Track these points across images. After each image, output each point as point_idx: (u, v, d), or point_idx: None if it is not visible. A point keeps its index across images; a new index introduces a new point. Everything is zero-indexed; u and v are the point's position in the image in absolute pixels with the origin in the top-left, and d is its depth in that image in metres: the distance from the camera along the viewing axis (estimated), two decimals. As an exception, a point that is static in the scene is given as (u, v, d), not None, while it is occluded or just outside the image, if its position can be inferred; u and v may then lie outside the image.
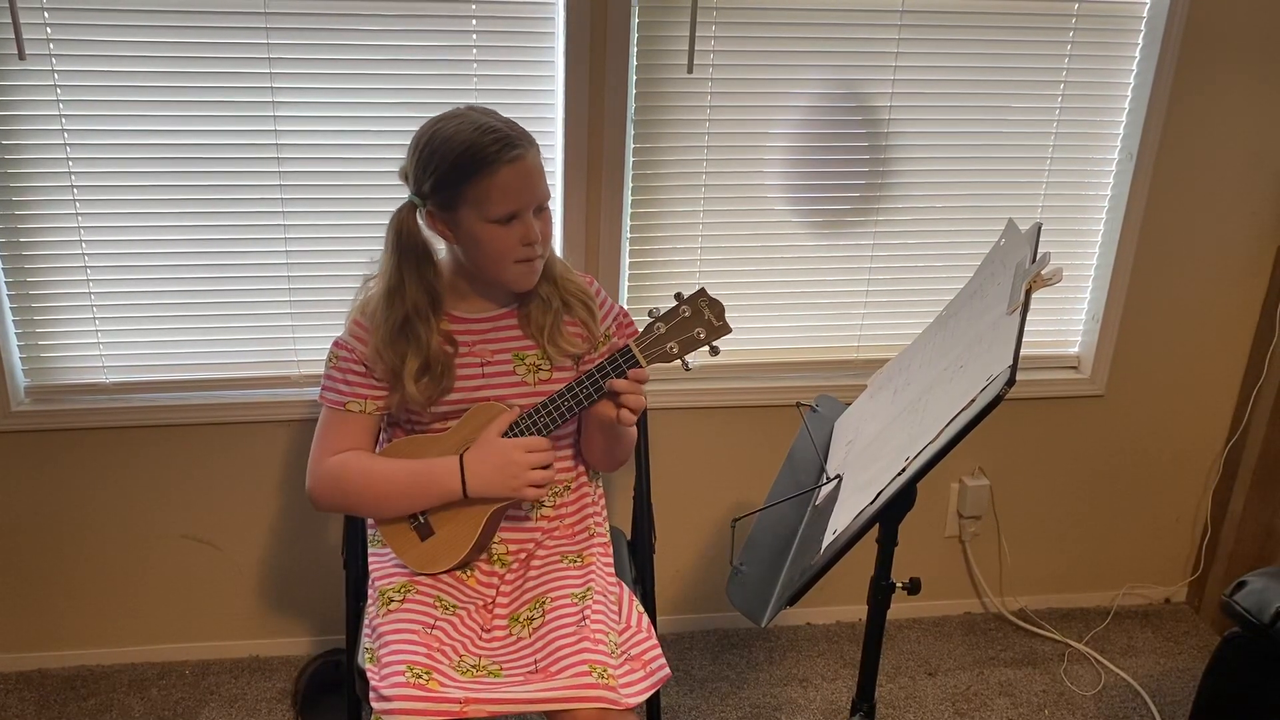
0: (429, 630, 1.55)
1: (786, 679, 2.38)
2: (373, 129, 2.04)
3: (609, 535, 1.79)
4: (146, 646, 2.35)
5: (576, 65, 2.03)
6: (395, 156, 1.64)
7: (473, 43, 2.03)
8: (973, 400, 1.26)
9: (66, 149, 1.99)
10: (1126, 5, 2.20)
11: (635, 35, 2.05)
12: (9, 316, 2.09)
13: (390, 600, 1.60)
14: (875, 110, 2.20)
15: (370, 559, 1.72)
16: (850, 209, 2.28)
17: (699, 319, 1.52)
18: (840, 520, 1.38)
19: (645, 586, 1.88)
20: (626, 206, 2.18)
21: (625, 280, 2.24)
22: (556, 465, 1.67)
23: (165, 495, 2.24)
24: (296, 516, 2.30)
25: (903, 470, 1.31)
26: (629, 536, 1.98)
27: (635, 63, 2.07)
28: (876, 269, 2.32)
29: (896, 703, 2.33)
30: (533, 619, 1.59)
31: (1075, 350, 2.49)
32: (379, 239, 1.63)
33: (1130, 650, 2.53)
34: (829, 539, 1.36)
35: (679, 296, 1.53)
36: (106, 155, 2.00)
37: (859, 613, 2.51)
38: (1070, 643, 2.53)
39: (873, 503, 1.32)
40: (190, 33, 1.94)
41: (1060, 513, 2.59)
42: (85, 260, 2.07)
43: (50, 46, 1.92)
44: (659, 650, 1.59)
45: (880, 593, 1.49)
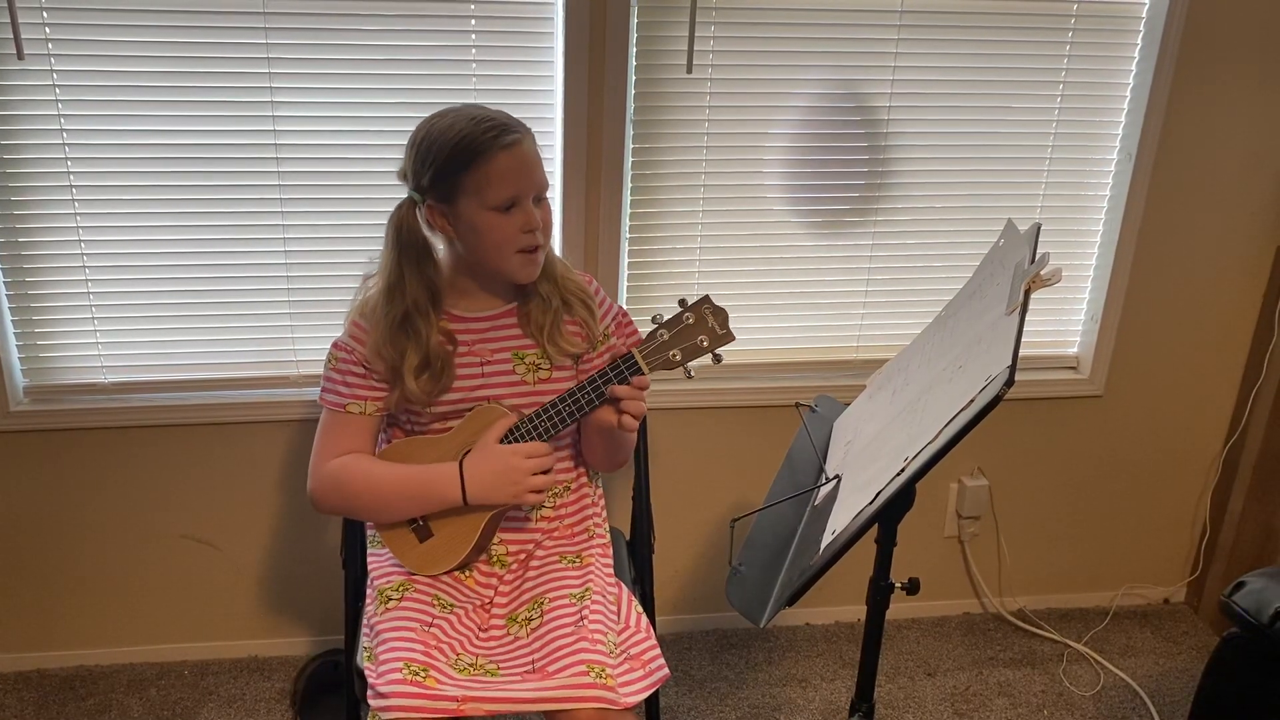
0: (426, 628, 1.55)
1: (785, 679, 2.38)
2: (372, 129, 2.04)
3: (608, 536, 1.79)
4: (145, 647, 2.35)
5: (576, 65, 2.03)
6: (394, 156, 1.64)
7: (472, 43, 2.03)
8: (972, 400, 1.26)
9: (65, 149, 1.99)
10: (1125, 6, 2.20)
11: (634, 35, 2.05)
12: (8, 316, 2.09)
13: (388, 599, 1.60)
14: (874, 110, 2.20)
15: (369, 559, 1.72)
16: (849, 209, 2.28)
17: (703, 326, 1.51)
18: (839, 520, 1.37)
19: (644, 587, 1.88)
20: (626, 206, 2.18)
21: (624, 280, 2.24)
22: (556, 466, 1.67)
23: (164, 495, 2.24)
24: (295, 517, 2.29)
25: (901, 470, 1.31)
26: (628, 537, 1.98)
27: (634, 63, 2.07)
28: (875, 269, 2.32)
29: (895, 703, 2.33)
30: (531, 619, 1.59)
31: (1074, 350, 2.49)
32: (378, 238, 1.63)
33: (1129, 650, 2.53)
34: (828, 539, 1.36)
35: (683, 303, 1.53)
36: (105, 155, 2.00)
37: (858, 613, 2.51)
38: (1069, 643, 2.53)
39: (871, 503, 1.32)
40: (189, 33, 1.94)
41: (1059, 513, 2.59)
42: (84, 260, 2.07)
43: (49, 46, 1.92)
44: (658, 650, 1.59)
45: (879, 593, 1.49)
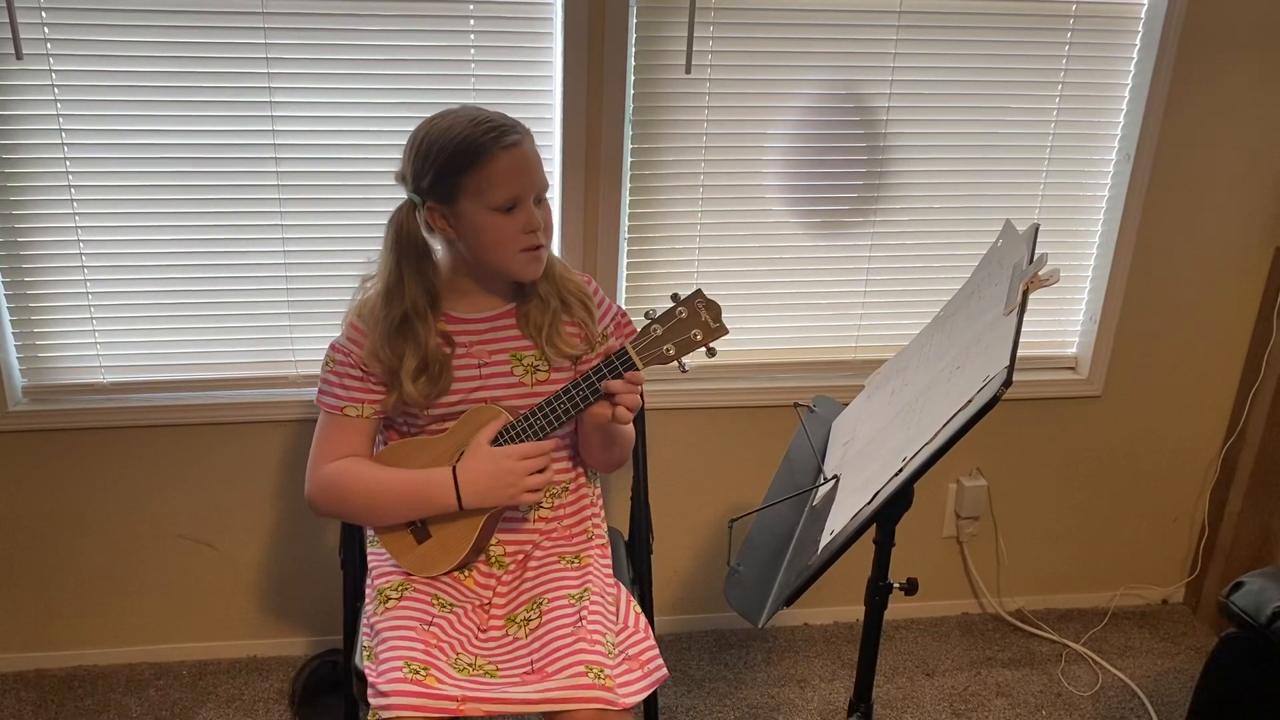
0: (426, 627, 1.55)
1: (784, 679, 2.38)
2: (371, 129, 2.04)
3: (607, 536, 1.79)
4: (144, 647, 2.35)
5: (574, 65, 2.03)
6: (393, 157, 1.64)
7: (471, 43, 2.03)
8: (970, 401, 1.26)
9: (64, 149, 1.98)
10: (1124, 6, 2.20)
11: (633, 35, 2.05)
12: (6, 316, 2.09)
13: (388, 599, 1.60)
14: (873, 111, 2.20)
15: (369, 558, 1.72)
16: (848, 209, 2.28)
17: (695, 320, 1.51)
18: (837, 521, 1.37)
19: (643, 587, 1.88)
20: (624, 206, 2.18)
21: (623, 280, 2.24)
22: (555, 466, 1.67)
23: (163, 495, 2.24)
24: (294, 517, 2.29)
25: (900, 471, 1.31)
26: (627, 537, 1.98)
27: (633, 63, 2.07)
28: (874, 269, 2.32)
29: (894, 703, 2.33)
30: (529, 620, 1.59)
31: (1073, 351, 2.49)
32: (377, 239, 1.63)
33: (1127, 651, 2.53)
34: (826, 539, 1.36)
35: (675, 298, 1.52)
36: (104, 155, 2.00)
37: (856, 613, 2.50)
38: (1068, 643, 2.53)
39: (870, 503, 1.32)
40: (188, 33, 1.94)
41: (1058, 513, 2.59)
42: (83, 260, 2.06)
43: (48, 46, 1.92)
44: (656, 650, 1.59)
45: (877, 593, 1.49)
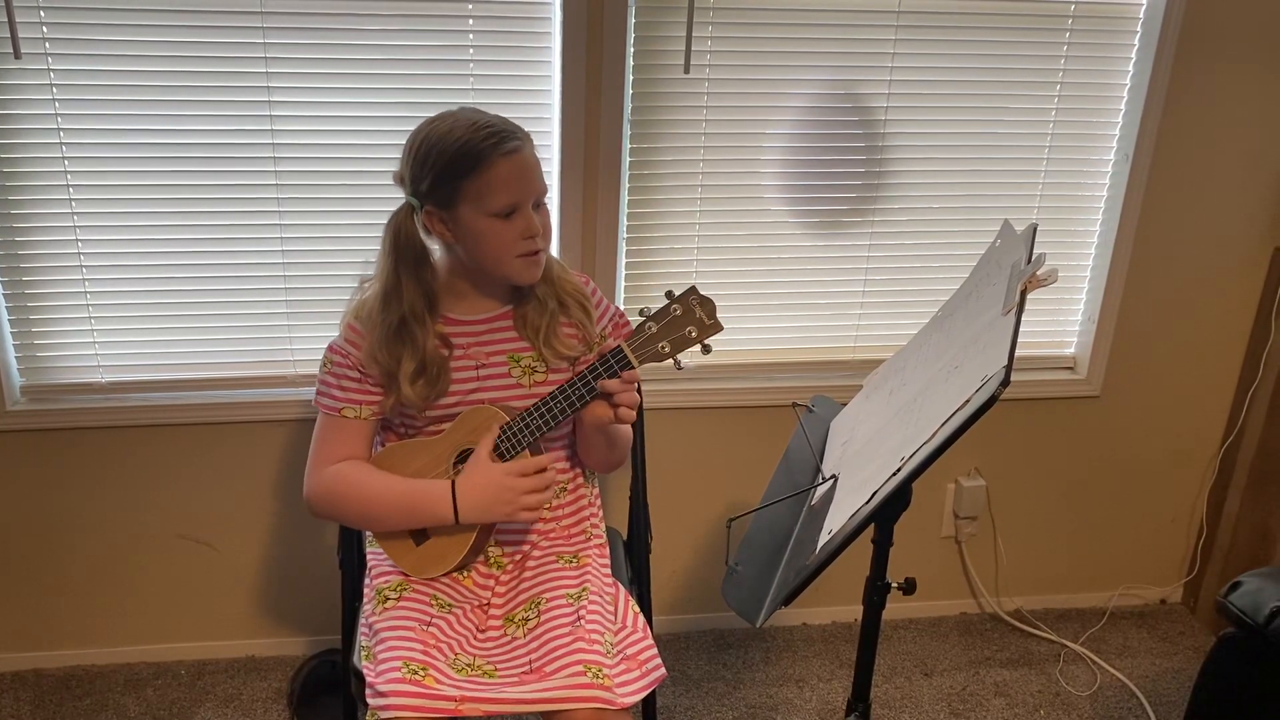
0: (425, 627, 1.55)
1: (782, 679, 2.38)
2: (369, 129, 2.04)
3: (605, 536, 1.79)
4: (142, 646, 2.35)
5: (573, 65, 2.03)
6: (391, 156, 1.64)
7: (469, 43, 2.03)
8: (968, 401, 1.26)
9: (62, 148, 1.98)
10: (1122, 6, 2.20)
11: (632, 35, 2.05)
12: (4, 316, 2.09)
13: (387, 599, 1.60)
14: (872, 111, 2.20)
15: (368, 557, 1.72)
16: (847, 209, 2.28)
17: (690, 317, 1.51)
18: (835, 520, 1.37)
19: (641, 587, 1.88)
20: (623, 206, 2.18)
21: (621, 280, 2.24)
22: (554, 466, 1.67)
23: (161, 495, 2.24)
24: (292, 517, 2.29)
25: (898, 470, 1.31)
26: (625, 537, 1.98)
27: (632, 63, 2.07)
28: (873, 269, 2.32)
29: (892, 703, 2.33)
30: (528, 620, 1.59)
31: (1071, 351, 2.49)
32: (375, 239, 1.63)
33: (1126, 651, 2.53)
34: (824, 539, 1.36)
35: (669, 295, 1.52)
36: (102, 155, 2.00)
37: (855, 613, 2.50)
38: (1066, 643, 2.54)
39: (868, 503, 1.32)
40: (187, 32, 1.94)
41: (1056, 513, 2.59)
42: (81, 259, 2.06)
43: (46, 46, 1.92)
44: (655, 650, 1.59)
45: (876, 593, 1.49)
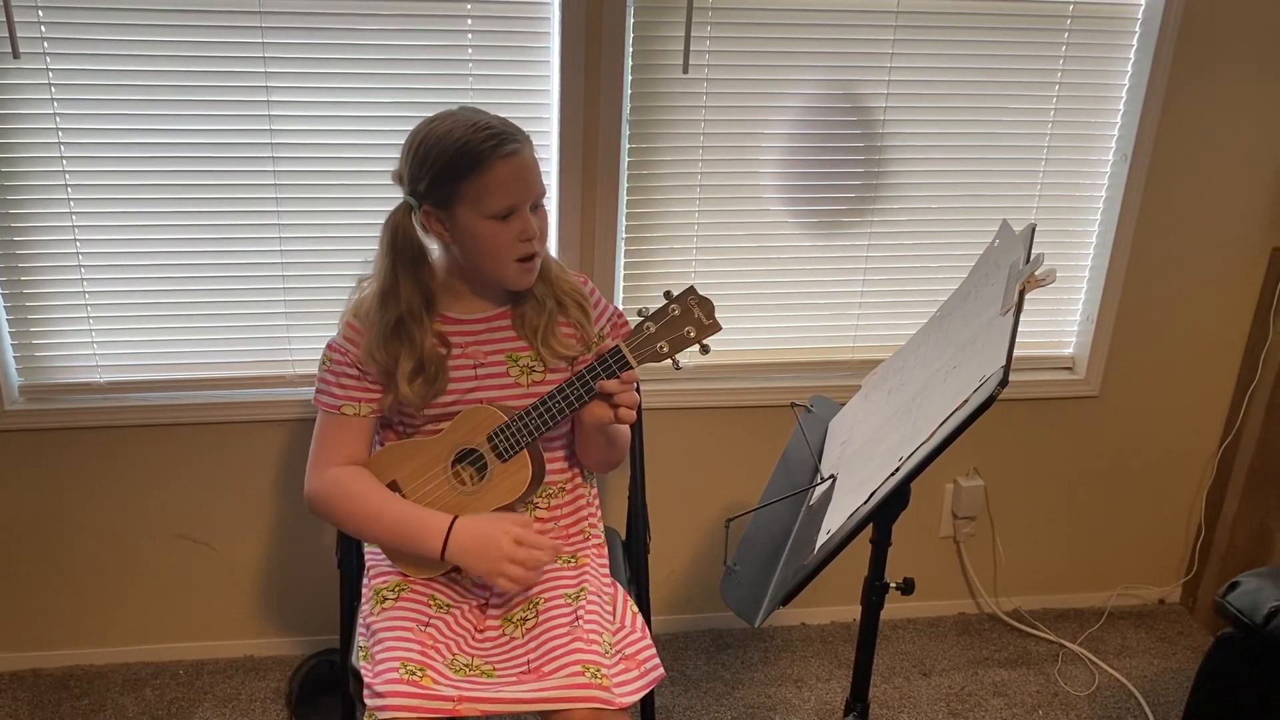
0: (423, 627, 1.55)
1: (781, 679, 2.39)
2: (368, 129, 2.04)
3: (603, 536, 1.79)
4: (140, 646, 2.35)
5: (572, 65, 2.03)
6: (390, 156, 1.64)
7: (468, 42, 2.03)
8: (966, 401, 1.26)
9: (61, 148, 1.98)
10: (1121, 6, 2.20)
11: (630, 35, 2.05)
12: (3, 315, 2.08)
13: (385, 599, 1.60)
14: (870, 111, 2.20)
15: (366, 557, 1.73)
16: (845, 209, 2.28)
17: (688, 317, 1.51)
18: (834, 520, 1.37)
19: (640, 586, 1.88)
20: (622, 206, 2.17)
21: (620, 280, 2.24)
22: (550, 468, 1.67)
23: (159, 495, 2.24)
24: (291, 516, 2.29)
25: (896, 470, 1.31)
26: (624, 537, 1.98)
27: (630, 63, 2.07)
28: (871, 269, 2.32)
29: (891, 703, 2.33)
30: (526, 619, 1.59)
31: (1070, 351, 2.49)
32: (374, 238, 1.63)
33: (1124, 651, 2.53)
34: (822, 539, 1.36)
35: (668, 295, 1.52)
36: (101, 154, 2.00)
37: (853, 613, 2.49)
38: (1064, 643, 2.54)
39: (866, 503, 1.32)
40: (185, 32, 1.94)
41: (1055, 513, 2.59)
42: (79, 259, 2.06)
43: (45, 45, 1.92)
44: (653, 650, 1.59)
45: (874, 593, 1.49)
